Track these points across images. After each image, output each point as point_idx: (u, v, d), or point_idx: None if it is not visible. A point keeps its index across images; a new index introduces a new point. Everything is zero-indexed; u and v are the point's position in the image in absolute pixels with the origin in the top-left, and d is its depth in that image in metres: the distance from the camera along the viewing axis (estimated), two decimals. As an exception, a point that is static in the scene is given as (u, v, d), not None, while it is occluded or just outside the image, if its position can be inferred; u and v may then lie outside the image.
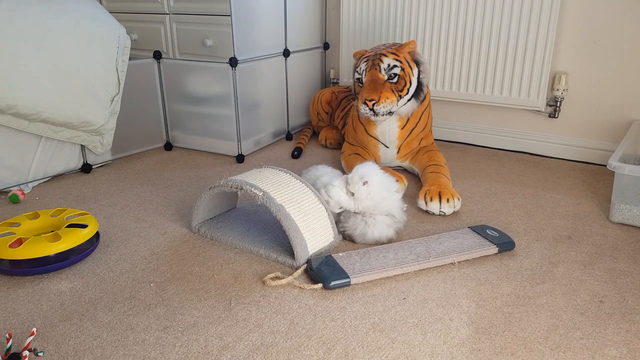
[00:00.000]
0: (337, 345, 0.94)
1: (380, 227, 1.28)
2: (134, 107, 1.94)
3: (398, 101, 1.67)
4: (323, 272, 1.13)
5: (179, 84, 1.99)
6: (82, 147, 1.79)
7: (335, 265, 1.15)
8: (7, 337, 0.91)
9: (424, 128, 1.80)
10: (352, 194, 1.27)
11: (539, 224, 1.42)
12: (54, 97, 1.58)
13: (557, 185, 1.70)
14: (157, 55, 1.98)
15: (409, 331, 0.97)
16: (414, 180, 1.76)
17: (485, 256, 1.25)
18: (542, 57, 1.83)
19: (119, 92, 1.76)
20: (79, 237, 1.21)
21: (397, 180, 1.55)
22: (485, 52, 1.93)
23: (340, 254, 1.21)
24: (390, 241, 1.29)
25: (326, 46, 2.40)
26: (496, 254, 1.26)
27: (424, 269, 1.19)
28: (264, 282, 1.13)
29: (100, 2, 2.12)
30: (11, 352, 0.89)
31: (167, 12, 1.95)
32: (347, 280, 1.11)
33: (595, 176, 1.78)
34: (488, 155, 2.02)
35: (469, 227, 1.36)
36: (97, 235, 1.31)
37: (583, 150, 1.93)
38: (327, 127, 2.15)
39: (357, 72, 1.74)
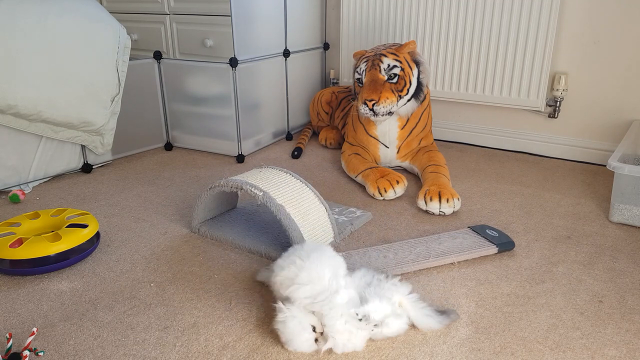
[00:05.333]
0: (337, 345, 0.94)
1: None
2: (135, 107, 1.94)
3: (398, 101, 1.67)
4: (323, 272, 1.12)
5: (179, 84, 1.99)
6: (83, 147, 1.79)
7: (335, 265, 1.15)
8: (8, 337, 0.92)
9: (424, 128, 1.80)
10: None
11: (538, 224, 1.42)
12: (54, 97, 1.58)
13: (557, 185, 1.70)
14: (158, 56, 1.98)
15: (408, 331, 0.97)
16: (414, 180, 1.76)
17: (484, 256, 1.25)
18: (542, 57, 1.83)
19: (119, 92, 1.76)
20: (79, 237, 1.21)
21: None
22: (485, 52, 1.93)
23: (341, 254, 1.21)
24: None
25: (326, 46, 2.40)
26: (496, 254, 1.26)
27: (424, 269, 1.19)
28: (264, 282, 1.13)
29: (101, 2, 2.12)
30: (11, 352, 0.89)
31: (167, 12, 1.95)
32: (347, 280, 1.11)
33: (595, 176, 1.78)
34: (487, 155, 2.02)
35: (468, 227, 1.36)
36: (97, 235, 1.31)
37: (583, 150, 1.93)
38: (327, 127, 2.15)
39: (357, 72, 1.75)
